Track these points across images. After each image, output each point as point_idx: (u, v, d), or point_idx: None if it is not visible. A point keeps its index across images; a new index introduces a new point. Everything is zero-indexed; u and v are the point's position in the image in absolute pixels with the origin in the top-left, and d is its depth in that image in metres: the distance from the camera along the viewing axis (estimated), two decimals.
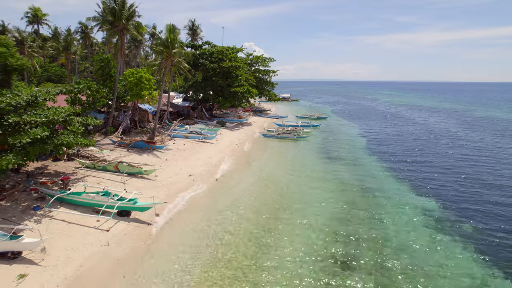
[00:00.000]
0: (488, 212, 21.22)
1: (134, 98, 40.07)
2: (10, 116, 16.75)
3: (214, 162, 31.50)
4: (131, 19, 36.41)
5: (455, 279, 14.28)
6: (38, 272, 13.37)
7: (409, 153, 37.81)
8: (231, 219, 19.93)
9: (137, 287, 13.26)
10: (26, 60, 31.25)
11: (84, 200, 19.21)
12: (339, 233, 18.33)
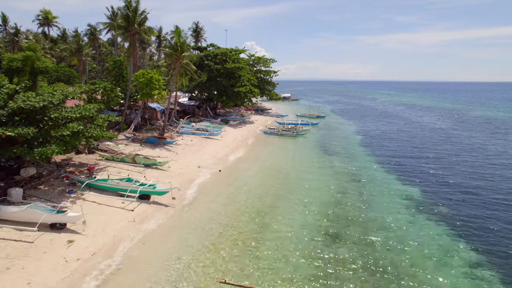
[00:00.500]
0: (463, 198, 24.08)
1: (144, 97, 43.04)
2: (52, 112, 19.71)
3: (220, 155, 34.48)
4: (143, 24, 39.35)
5: (425, 246, 17.15)
6: (81, 239, 16.32)
7: (400, 148, 40.70)
8: (240, 198, 22.87)
9: (156, 252, 16.16)
10: (50, 62, 34.28)
11: (110, 185, 22.17)
12: (331, 211, 21.23)
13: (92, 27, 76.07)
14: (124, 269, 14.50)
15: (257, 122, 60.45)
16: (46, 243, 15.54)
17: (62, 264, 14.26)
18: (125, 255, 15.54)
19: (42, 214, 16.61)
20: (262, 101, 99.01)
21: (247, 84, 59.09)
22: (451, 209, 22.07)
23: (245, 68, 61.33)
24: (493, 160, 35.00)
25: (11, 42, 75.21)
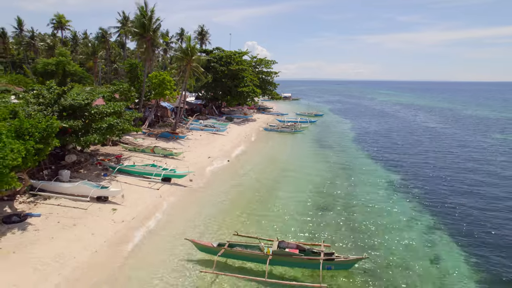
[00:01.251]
0: (434, 183, 28.35)
1: (157, 97, 47.48)
2: (92, 108, 24.16)
3: (227, 148, 38.91)
4: (157, 30, 43.75)
5: (395, 215, 21.46)
6: (122, 208, 20.74)
7: (388, 144, 44.99)
8: (245, 182, 27.26)
9: (181, 217, 20.53)
10: (78, 66, 38.79)
11: (138, 170, 26.62)
12: (322, 189, 25.57)
13: (103, 31, 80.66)
14: (158, 229, 18.93)
15: (259, 120, 64.83)
16: (96, 210, 19.99)
17: (111, 224, 18.70)
18: (157, 219, 19.99)
19: (91, 188, 21.08)
20: (264, 101, 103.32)
21: (249, 84, 63.46)
22: (422, 191, 26.36)
23: (248, 69, 65.69)
24: (470, 154, 39.22)
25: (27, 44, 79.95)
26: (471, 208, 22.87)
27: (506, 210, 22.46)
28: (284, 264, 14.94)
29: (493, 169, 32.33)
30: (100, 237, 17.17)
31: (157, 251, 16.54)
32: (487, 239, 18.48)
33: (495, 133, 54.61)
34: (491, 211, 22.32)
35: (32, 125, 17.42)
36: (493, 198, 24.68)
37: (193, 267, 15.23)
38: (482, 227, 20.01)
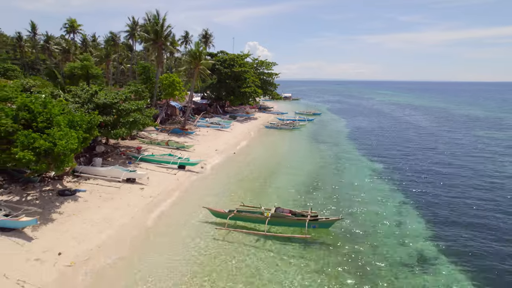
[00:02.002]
0: (414, 172, 32.80)
1: (167, 97, 52.06)
2: (119, 105, 28.77)
3: (231, 142, 43.51)
4: (168, 37, 48.37)
5: (374, 193, 25.93)
6: (148, 187, 25.31)
7: (378, 139, 49.45)
8: (248, 169, 31.81)
9: (197, 193, 25.08)
10: (99, 69, 43.46)
11: (157, 159, 31.23)
12: (314, 175, 30.08)
13: (113, 34, 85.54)
14: (178, 201, 23.54)
15: (260, 119, 69.39)
16: (127, 189, 24.59)
17: (141, 198, 23.31)
18: (177, 195, 24.60)
19: (122, 172, 25.71)
20: (265, 101, 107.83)
21: (251, 85, 68.02)
22: (399, 177, 30.83)
23: (250, 71, 70.26)
24: (449, 149, 43.63)
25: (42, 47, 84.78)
26: (438, 192, 27.37)
27: (470, 197, 26.97)
28: (279, 224, 19.49)
29: (467, 164, 36.78)
30: (134, 207, 21.77)
31: (181, 216, 21.16)
32: (446, 215, 22.97)
33: (479, 130, 59.00)
34: (455, 195, 26.83)
35: (80, 118, 22.03)
36: (460, 187, 29.19)
37: (210, 226, 19.82)
38: (443, 205, 24.51)
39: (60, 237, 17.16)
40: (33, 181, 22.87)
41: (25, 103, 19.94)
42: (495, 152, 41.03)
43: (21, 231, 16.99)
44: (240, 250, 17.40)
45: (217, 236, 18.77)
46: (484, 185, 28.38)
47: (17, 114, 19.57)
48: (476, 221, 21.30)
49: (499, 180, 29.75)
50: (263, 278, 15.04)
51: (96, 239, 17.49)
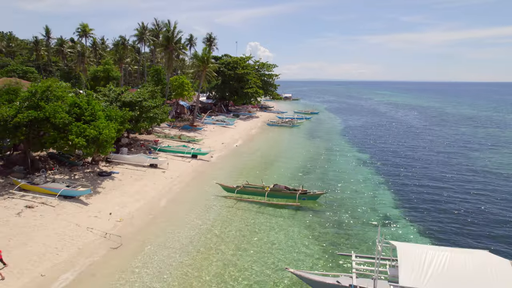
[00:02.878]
0: (395, 160, 37.86)
1: (177, 97, 57.31)
2: (142, 103, 33.99)
3: (236, 137, 48.72)
4: (178, 42, 53.61)
5: (358, 176, 30.98)
6: (168, 171, 30.50)
7: (367, 134, 54.52)
8: (251, 158, 36.98)
9: (208, 174, 30.22)
10: (118, 72, 48.72)
11: (174, 149, 36.46)
12: (308, 161, 35.20)
13: (122, 38, 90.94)
14: (194, 181, 28.76)
15: (261, 117, 74.53)
16: (151, 172, 29.80)
17: (164, 179, 28.51)
18: (192, 176, 29.82)
19: (146, 158, 30.95)
20: (266, 101, 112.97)
21: (253, 86, 73.19)
22: (380, 164, 35.93)
23: (252, 73, 75.45)
24: (433, 144, 48.67)
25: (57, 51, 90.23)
26: (410, 176, 32.48)
27: (434, 179, 32.06)
28: (276, 196, 24.65)
29: (441, 155, 41.85)
30: (159, 185, 26.99)
31: (197, 191, 26.41)
32: (413, 192, 28.07)
33: (462, 127, 63.99)
34: (424, 179, 31.93)
35: (115, 113, 27.25)
36: (429, 173, 34.28)
37: (221, 197, 25.02)
38: (412, 186, 29.62)
39: (107, 203, 22.37)
40: (77, 165, 28.13)
41: (75, 101, 25.19)
42: (470, 146, 46.10)
43: (79, 198, 22.23)
44: (245, 213, 22.60)
45: (227, 204, 23.97)
46: (449, 171, 33.50)
47: (70, 110, 24.80)
48: (435, 197, 26.41)
49: (465, 168, 34.87)
50: (262, 230, 20.21)
51: (134, 205, 22.72)
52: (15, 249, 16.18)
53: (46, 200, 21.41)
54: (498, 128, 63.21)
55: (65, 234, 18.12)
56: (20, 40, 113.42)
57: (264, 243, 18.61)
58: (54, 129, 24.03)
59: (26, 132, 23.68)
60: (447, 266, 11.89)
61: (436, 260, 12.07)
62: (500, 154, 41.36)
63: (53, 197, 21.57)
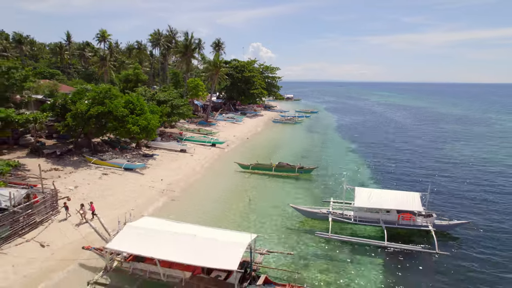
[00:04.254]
0: (378, 149, 45.93)
1: (192, 97, 65.58)
2: (173, 101, 42.26)
3: (245, 131, 56.99)
4: (195, 50, 61.88)
5: (346, 159, 39.07)
6: (195, 155, 38.75)
7: (358, 130, 62.62)
8: (259, 147, 45.16)
9: (226, 158, 38.39)
10: (145, 76, 57.06)
11: (197, 139, 44.78)
12: (306, 150, 43.32)
13: (139, 43, 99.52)
14: (216, 161, 37.02)
15: (265, 115, 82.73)
16: (182, 156, 38.05)
17: (193, 160, 36.77)
18: (214, 159, 38.09)
19: (178, 145, 39.24)
20: (269, 101, 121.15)
21: (259, 87, 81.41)
22: (366, 151, 44.01)
23: (257, 75, 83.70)
24: (412, 137, 56.71)
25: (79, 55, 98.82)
26: (388, 158, 40.58)
27: (406, 162, 40.16)
28: (281, 171, 32.83)
29: (417, 146, 49.92)
30: (191, 164, 35.24)
31: (220, 168, 34.71)
32: (388, 169, 36.15)
33: (445, 125, 71.97)
34: (398, 160, 40.01)
35: (157, 109, 35.51)
36: (402, 155, 42.41)
37: (238, 172, 33.24)
38: (388, 165, 37.69)
39: (156, 174, 30.61)
40: (126, 148, 36.42)
41: (129, 99, 33.49)
42: (447, 140, 54.18)
43: (135, 170, 30.50)
44: (257, 180, 30.85)
45: (244, 175, 32.23)
46: (417, 157, 41.60)
47: (126, 105, 33.08)
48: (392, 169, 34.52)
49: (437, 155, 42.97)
50: (270, 192, 28.42)
51: (177, 176, 30.96)
52: (108, 197, 24.46)
53: (114, 170, 29.72)
54: (475, 126, 71.15)
55: (135, 190, 26.39)
56: (40, 43, 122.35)
57: (271, 193, 26.89)
58: (115, 120, 32.29)
59: (95, 122, 31.98)
60: (382, 195, 20.23)
61: (376, 193, 20.43)
62: (466, 145, 49.47)
63: (119, 169, 29.87)
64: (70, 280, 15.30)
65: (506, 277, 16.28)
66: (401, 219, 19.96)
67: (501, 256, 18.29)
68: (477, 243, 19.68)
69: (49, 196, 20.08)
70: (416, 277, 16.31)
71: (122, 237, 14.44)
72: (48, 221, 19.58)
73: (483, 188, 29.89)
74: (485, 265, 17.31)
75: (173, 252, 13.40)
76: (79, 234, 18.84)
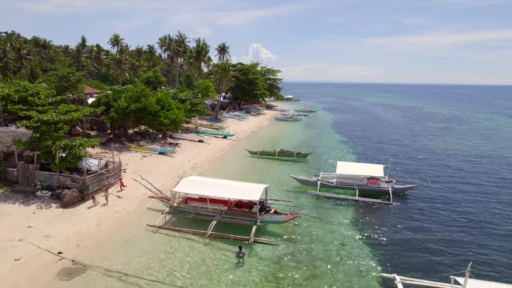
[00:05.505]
0: (365, 141, 53.83)
1: (203, 97, 73.52)
2: (192, 100, 50.15)
3: (251, 127, 64.96)
4: (206, 54, 69.85)
5: (335, 146, 46.95)
6: (211, 144, 46.68)
7: (349, 126, 70.54)
8: (263, 138, 53.08)
9: (237, 146, 46.28)
10: (163, 78, 65.04)
11: (211, 132, 52.72)
12: (303, 141, 51.19)
13: (150, 47, 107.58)
14: (230, 149, 44.98)
15: (268, 114, 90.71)
16: (201, 145, 46.01)
17: (210, 148, 44.74)
18: (228, 148, 46.05)
19: (196, 136, 47.21)
20: (271, 101, 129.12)
21: (261, 88, 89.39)
22: (353, 142, 51.90)
23: (260, 77, 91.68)
24: (398, 131, 64.61)
25: (95, 58, 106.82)
26: (373, 146, 48.52)
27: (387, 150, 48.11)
28: (282, 155, 40.79)
29: (401, 139, 57.88)
30: (208, 151, 43.17)
31: (233, 153, 42.68)
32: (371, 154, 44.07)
33: (431, 123, 79.90)
34: (380, 148, 47.94)
35: (181, 106, 43.42)
36: (385, 146, 50.37)
37: (248, 157, 41.18)
38: (373, 149, 45.60)
39: (183, 157, 38.52)
40: (155, 138, 44.34)
41: (160, 97, 41.42)
42: (423, 133, 62.14)
43: (167, 154, 38.41)
44: (264, 162, 38.79)
45: (252, 159, 40.16)
46: (393, 144, 49.54)
47: (157, 102, 40.97)
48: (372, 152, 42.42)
49: (407, 143, 50.93)
50: (274, 170, 36.35)
51: (199, 158, 38.87)
52: (153, 171, 32.37)
53: (150, 154, 37.66)
54: (457, 124, 79.11)
55: (171, 167, 34.31)
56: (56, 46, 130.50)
57: (274, 170, 34.85)
58: (149, 115, 40.17)
59: (133, 116, 39.87)
60: (356, 167, 28.26)
61: (352, 165, 28.46)
62: (435, 137, 57.43)
63: (154, 153, 37.80)
64: (142, 217, 23.14)
65: (437, 220, 24.18)
66: (369, 183, 27.88)
67: (436, 207, 26.20)
68: (422, 199, 27.60)
69: (117, 165, 28.00)
70: (377, 217, 24.18)
71: (181, 185, 22.36)
72: (116, 183, 27.48)
73: (432, 163, 38.07)
74: (425, 213, 25.21)
75: (217, 192, 21.37)
76: (139, 191, 26.73)
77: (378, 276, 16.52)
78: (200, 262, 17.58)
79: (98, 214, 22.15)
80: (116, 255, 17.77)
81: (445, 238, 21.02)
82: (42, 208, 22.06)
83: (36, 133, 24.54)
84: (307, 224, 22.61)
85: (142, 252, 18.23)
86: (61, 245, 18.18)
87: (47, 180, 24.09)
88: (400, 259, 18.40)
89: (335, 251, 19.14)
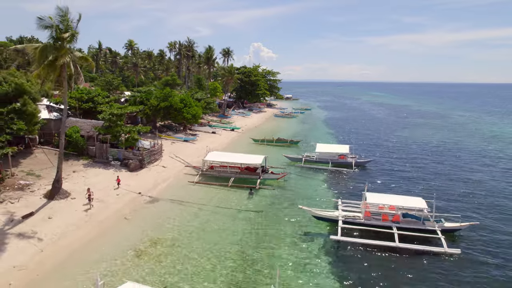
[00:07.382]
0: (353, 133, 64.79)
1: (212, 97, 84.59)
2: (205, 99, 61.23)
3: (254, 122, 76.17)
4: (214, 60, 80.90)
5: (325, 135, 57.93)
6: (222, 135, 57.84)
7: (341, 122, 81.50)
8: (264, 130, 64.16)
9: (244, 136, 57.37)
10: (180, 80, 76.24)
11: (220, 125, 63.90)
12: (298, 133, 62.20)
13: (161, 51, 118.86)
14: (237, 138, 56.18)
15: (268, 112, 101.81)
16: (214, 136, 57.17)
17: (221, 138, 55.91)
18: (236, 138, 57.24)
19: (210, 129, 58.43)
20: (271, 100, 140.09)
21: (262, 89, 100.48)
22: (343, 134, 62.92)
23: (261, 79, 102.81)
24: (385, 126, 75.59)
25: (112, 62, 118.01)
26: (359, 138, 59.54)
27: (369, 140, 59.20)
28: (278, 142, 51.97)
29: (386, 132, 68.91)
30: (220, 139, 54.36)
31: (240, 141, 54.01)
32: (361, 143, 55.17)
33: (411, 118, 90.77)
34: (364, 137, 58.99)
35: (198, 104, 54.58)
36: (366, 137, 61.41)
37: (252, 143, 52.34)
38: (363, 138, 56.65)
39: (202, 144, 49.61)
40: (178, 130, 55.50)
41: (182, 97, 52.58)
42: (407, 127, 73.17)
43: (190, 142, 49.59)
44: (264, 147, 49.93)
45: (256, 145, 51.30)
46: (372, 136, 60.55)
47: (181, 101, 52.08)
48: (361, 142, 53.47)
49: (387, 136, 61.96)
50: (272, 151, 47.50)
51: (214, 144, 49.79)
52: (183, 151, 43.48)
53: (177, 141, 48.83)
54: (436, 120, 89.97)
55: (193, 151, 45.42)
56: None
57: (272, 152, 46.03)
58: (175, 111, 51.27)
59: (162, 112, 51.01)
60: (330, 147, 39.47)
61: (327, 146, 39.66)
62: (411, 131, 68.46)
63: (179, 141, 48.97)
64: (180, 179, 34.23)
65: (384, 181, 35.35)
66: (339, 158, 38.98)
67: (385, 173, 37.33)
68: (376, 169, 38.68)
69: (159, 145, 39.21)
70: (342, 178, 35.28)
71: (209, 156, 33.61)
72: (160, 159, 38.61)
73: (391, 146, 49.05)
74: (375, 176, 36.31)
75: (233, 159, 32.66)
76: (175, 165, 37.85)
77: (334, 202, 27.64)
78: (225, 198, 28.82)
79: (153, 176, 33.37)
80: (173, 195, 28.99)
81: (387, 188, 32.15)
82: (117, 171, 33.25)
83: (107, 123, 35.66)
84: (294, 181, 33.82)
85: (190, 192, 29.52)
86: (138, 189, 29.42)
87: (116, 155, 35.27)
88: (345, 196, 29.58)
89: (311, 192, 30.37)
